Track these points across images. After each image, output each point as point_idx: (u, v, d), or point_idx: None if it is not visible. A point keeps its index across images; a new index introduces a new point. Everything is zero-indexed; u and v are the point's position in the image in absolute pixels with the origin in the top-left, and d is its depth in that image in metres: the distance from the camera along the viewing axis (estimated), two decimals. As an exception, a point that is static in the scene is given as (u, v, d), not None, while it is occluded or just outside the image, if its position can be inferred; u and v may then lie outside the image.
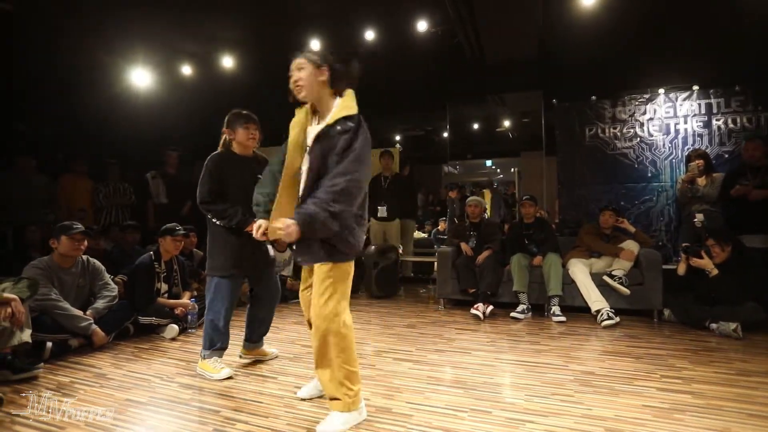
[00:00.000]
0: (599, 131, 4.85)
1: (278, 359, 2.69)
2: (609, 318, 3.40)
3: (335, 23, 5.15)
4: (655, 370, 2.40)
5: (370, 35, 5.19)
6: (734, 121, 4.39)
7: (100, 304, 2.97)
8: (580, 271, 3.73)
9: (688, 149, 4.40)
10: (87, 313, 2.87)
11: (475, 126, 8.78)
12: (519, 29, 5.13)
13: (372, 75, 5.86)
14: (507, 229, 4.94)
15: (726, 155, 4.38)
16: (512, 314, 3.70)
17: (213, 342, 2.43)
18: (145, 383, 2.31)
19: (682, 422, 1.80)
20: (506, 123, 8.53)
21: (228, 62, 5.70)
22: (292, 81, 1.82)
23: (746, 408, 1.92)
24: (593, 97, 4.89)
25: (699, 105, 4.52)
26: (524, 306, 3.76)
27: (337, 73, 1.81)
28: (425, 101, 7.30)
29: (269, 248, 2.56)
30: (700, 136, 4.50)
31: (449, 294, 4.18)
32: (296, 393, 2.12)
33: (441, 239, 6.51)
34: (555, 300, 3.70)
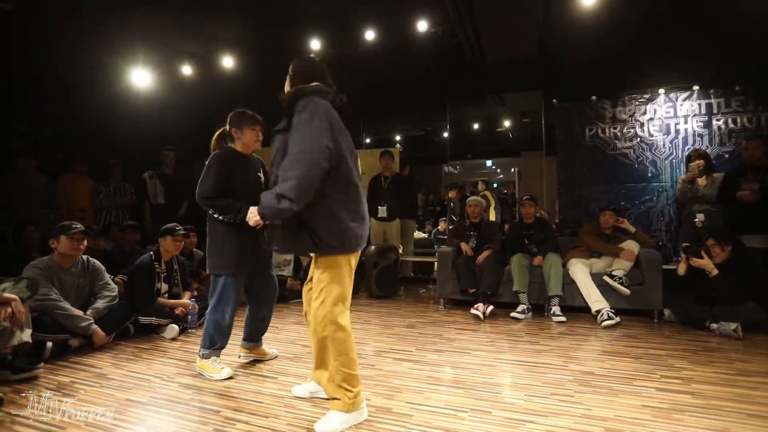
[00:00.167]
0: (599, 131, 4.85)
1: (278, 359, 2.70)
2: (609, 318, 3.40)
3: (335, 23, 5.15)
4: (655, 371, 2.40)
5: (371, 35, 5.19)
6: (734, 121, 4.39)
7: (101, 304, 2.98)
8: (581, 271, 3.73)
9: (689, 149, 4.41)
10: (87, 313, 2.87)
11: (475, 126, 8.77)
12: (519, 29, 5.12)
13: (372, 75, 5.93)
14: (507, 229, 4.94)
15: (726, 155, 4.37)
16: (512, 314, 3.70)
17: (214, 342, 2.43)
18: (146, 383, 2.32)
19: (682, 422, 1.80)
20: (506, 123, 8.53)
21: (228, 62, 5.71)
22: None
23: (746, 408, 1.92)
24: (593, 97, 4.89)
25: (699, 105, 4.52)
26: (524, 306, 3.76)
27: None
28: (425, 101, 7.30)
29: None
30: (701, 136, 4.50)
31: (449, 294, 4.18)
32: (291, 391, 2.14)
33: (441, 239, 6.51)
34: (555, 300, 3.70)
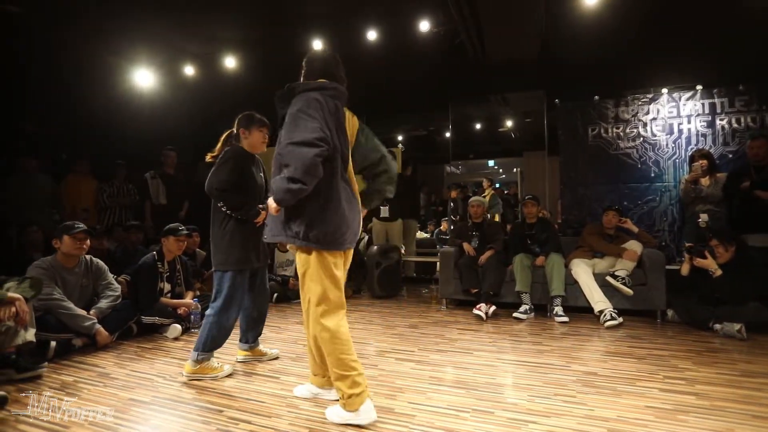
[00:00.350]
0: (602, 131, 4.83)
1: (280, 359, 2.70)
2: (612, 318, 3.39)
3: (338, 23, 5.14)
4: (658, 371, 2.40)
5: (373, 35, 5.19)
6: (738, 121, 4.36)
7: (104, 304, 2.99)
8: (583, 272, 3.72)
9: (692, 149, 4.38)
10: (90, 313, 2.88)
11: (478, 126, 8.75)
12: (521, 29, 5.11)
13: (374, 75, 5.93)
14: (509, 230, 4.93)
15: (730, 155, 4.35)
16: (515, 314, 3.69)
17: (215, 344, 2.38)
18: (149, 383, 2.32)
19: (685, 423, 1.79)
20: (509, 123, 8.51)
21: (230, 63, 5.71)
22: None
23: (750, 409, 1.91)
24: (596, 97, 4.87)
25: (702, 105, 4.50)
26: (527, 306, 3.75)
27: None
28: (427, 101, 7.29)
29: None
30: (704, 136, 4.48)
31: (452, 294, 4.17)
32: (293, 391, 2.15)
33: (443, 239, 6.50)
34: (558, 300, 3.69)
